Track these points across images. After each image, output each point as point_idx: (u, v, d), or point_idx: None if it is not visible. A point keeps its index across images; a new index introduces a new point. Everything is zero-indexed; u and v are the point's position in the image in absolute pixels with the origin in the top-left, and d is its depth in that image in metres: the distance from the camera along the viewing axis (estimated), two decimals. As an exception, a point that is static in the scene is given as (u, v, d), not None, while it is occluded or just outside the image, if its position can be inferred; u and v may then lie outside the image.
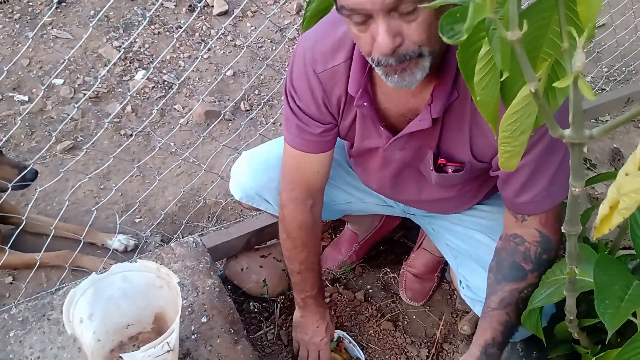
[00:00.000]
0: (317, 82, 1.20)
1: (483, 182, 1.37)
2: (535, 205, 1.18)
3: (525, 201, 1.17)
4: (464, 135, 1.17)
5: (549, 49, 0.84)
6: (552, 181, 1.15)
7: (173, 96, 2.55)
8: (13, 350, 1.41)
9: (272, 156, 1.48)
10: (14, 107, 2.40)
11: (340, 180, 1.54)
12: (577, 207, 0.84)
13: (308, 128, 1.26)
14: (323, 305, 1.58)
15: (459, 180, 1.27)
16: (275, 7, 3.14)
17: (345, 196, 1.58)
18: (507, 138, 0.83)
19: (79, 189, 2.09)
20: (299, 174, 1.36)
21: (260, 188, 1.50)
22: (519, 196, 1.18)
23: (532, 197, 1.16)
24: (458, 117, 1.14)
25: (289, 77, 1.25)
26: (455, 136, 1.18)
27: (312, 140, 1.29)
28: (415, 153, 1.25)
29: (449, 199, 1.37)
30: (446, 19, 0.57)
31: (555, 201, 1.18)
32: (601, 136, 0.66)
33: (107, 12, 2.90)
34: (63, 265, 1.78)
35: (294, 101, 1.25)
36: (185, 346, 1.46)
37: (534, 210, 1.19)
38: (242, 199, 1.56)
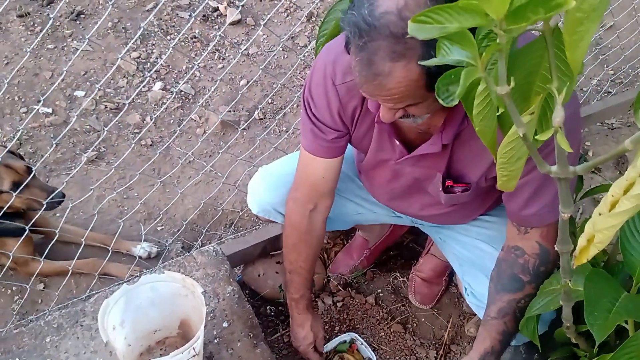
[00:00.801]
0: (335, 94, 1.28)
1: (487, 195, 1.45)
2: (539, 218, 1.24)
3: (530, 214, 1.24)
4: (477, 157, 1.24)
5: (542, 83, 0.92)
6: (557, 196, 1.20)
7: (190, 106, 2.65)
8: (50, 354, 1.52)
9: (287, 172, 1.56)
10: (39, 119, 2.51)
11: (351, 192, 1.63)
12: (567, 229, 0.92)
13: (321, 134, 1.35)
14: (304, 312, 1.63)
15: (467, 198, 1.35)
16: (286, 15, 3.23)
17: (356, 207, 1.66)
18: (505, 164, 0.92)
19: (103, 198, 2.20)
20: (305, 176, 1.44)
21: (276, 203, 1.59)
22: (524, 209, 1.24)
23: (536, 211, 1.23)
24: (467, 142, 1.22)
25: (307, 85, 1.33)
26: (465, 160, 1.26)
27: (324, 145, 1.37)
28: (425, 173, 1.33)
29: (453, 212, 1.46)
30: (442, 81, 0.65)
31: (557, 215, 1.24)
32: (585, 173, 0.74)
33: (124, 24, 3.01)
34: (92, 272, 1.89)
35: (310, 109, 1.33)
36: (208, 350, 1.56)
37: (537, 223, 1.26)
38: (259, 213, 1.65)
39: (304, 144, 1.40)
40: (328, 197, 1.48)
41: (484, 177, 1.28)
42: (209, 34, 3.03)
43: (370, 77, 0.98)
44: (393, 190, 1.48)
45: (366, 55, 0.96)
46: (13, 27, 2.95)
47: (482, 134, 0.96)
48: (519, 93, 0.87)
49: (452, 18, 0.56)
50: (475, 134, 1.18)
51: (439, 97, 0.66)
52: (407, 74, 0.96)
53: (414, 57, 0.94)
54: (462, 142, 1.22)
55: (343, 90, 1.27)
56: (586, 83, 2.82)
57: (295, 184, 1.48)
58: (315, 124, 1.34)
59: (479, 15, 0.56)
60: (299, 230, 1.50)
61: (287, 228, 1.53)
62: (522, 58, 0.88)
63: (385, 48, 0.94)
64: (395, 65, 0.95)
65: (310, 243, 1.53)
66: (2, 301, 1.92)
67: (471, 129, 1.18)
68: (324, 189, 1.45)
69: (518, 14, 0.55)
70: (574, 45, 0.73)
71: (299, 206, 1.48)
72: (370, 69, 0.97)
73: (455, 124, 1.17)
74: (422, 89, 0.99)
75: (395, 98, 1.01)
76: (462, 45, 0.61)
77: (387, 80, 0.97)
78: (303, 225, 1.49)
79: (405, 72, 0.95)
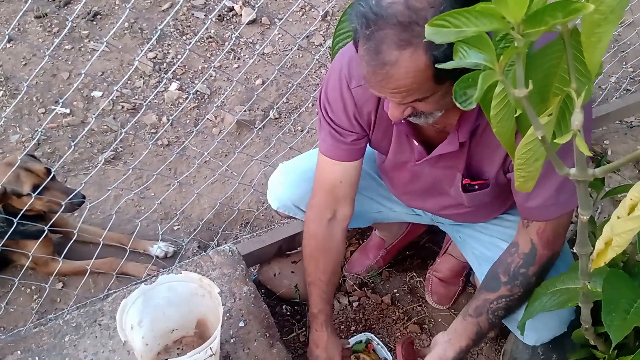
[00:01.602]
0: (350, 97, 1.29)
1: (507, 194, 1.43)
2: (541, 211, 1.24)
3: (534, 206, 1.23)
4: (492, 152, 1.24)
5: (560, 84, 0.91)
6: (560, 188, 1.20)
7: (205, 106, 2.66)
8: (69, 353, 1.54)
9: (307, 168, 1.56)
10: (57, 120, 2.54)
11: (372, 191, 1.63)
12: (586, 231, 0.91)
13: (340, 137, 1.35)
14: (321, 330, 1.54)
15: (488, 197, 1.35)
16: (301, 14, 3.23)
17: (376, 206, 1.67)
18: (522, 165, 0.91)
19: (120, 197, 2.22)
20: (322, 181, 1.44)
21: (296, 199, 1.60)
22: (528, 200, 1.24)
23: (540, 203, 1.22)
24: (484, 138, 1.21)
25: (324, 89, 1.34)
26: (483, 156, 1.26)
27: (343, 148, 1.37)
28: (444, 173, 1.34)
29: (475, 211, 1.45)
30: (459, 85, 0.65)
31: (563, 210, 1.23)
32: (603, 175, 0.74)
33: (141, 24, 3.03)
34: (110, 272, 1.91)
35: (327, 112, 1.34)
36: (225, 349, 1.57)
37: (539, 217, 1.25)
38: (279, 209, 1.66)
39: (323, 149, 1.40)
40: (347, 204, 1.46)
41: (501, 171, 1.27)
42: (225, 33, 3.04)
43: (377, 67, 0.99)
44: (414, 191, 1.48)
45: (373, 44, 0.97)
46: (31, 28, 2.99)
47: (500, 135, 0.95)
48: (536, 95, 0.86)
49: (469, 22, 0.56)
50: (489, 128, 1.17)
51: (456, 101, 0.65)
52: (414, 62, 0.96)
53: (421, 46, 0.94)
54: (478, 138, 1.22)
55: (359, 93, 1.27)
56: (605, 81, 2.78)
57: (313, 191, 1.48)
58: (334, 128, 1.35)
59: (497, 19, 0.56)
60: (315, 238, 1.49)
61: (305, 237, 1.52)
62: (539, 60, 0.87)
63: (393, 36, 0.95)
64: (402, 53, 0.95)
65: (329, 253, 1.50)
66: (21, 300, 1.95)
67: (485, 123, 1.19)
68: (342, 193, 1.44)
69: (536, 18, 0.55)
70: (592, 47, 0.72)
71: (317, 214, 1.47)
72: (377, 58, 0.98)
73: (471, 120, 1.17)
74: (429, 81, 0.99)
75: (402, 91, 1.01)
76: (480, 49, 0.61)
77: (394, 70, 0.98)
78: (320, 233, 1.48)
79: (412, 61, 0.96)
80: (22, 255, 1.89)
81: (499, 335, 1.80)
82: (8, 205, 1.82)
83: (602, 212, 2.16)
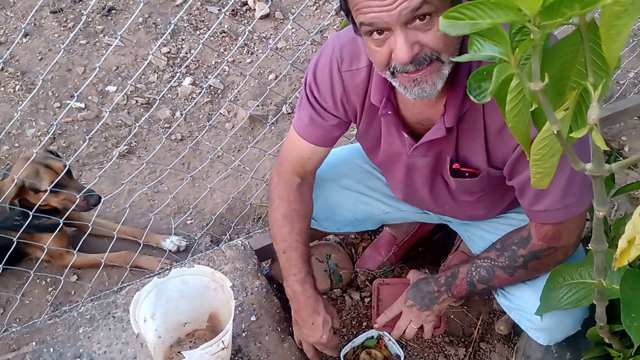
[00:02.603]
0: (339, 80, 1.27)
1: (505, 191, 1.41)
2: (549, 215, 1.22)
3: (541, 210, 1.22)
4: (479, 144, 1.23)
5: (577, 78, 0.90)
6: (565, 192, 1.18)
7: (219, 101, 2.67)
8: (83, 345, 1.55)
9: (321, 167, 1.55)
10: (72, 114, 2.56)
11: (378, 192, 1.61)
12: (602, 228, 0.90)
13: (320, 119, 1.34)
14: (313, 295, 1.44)
15: (476, 186, 1.33)
16: (315, 9, 3.22)
17: (383, 207, 1.65)
18: (538, 161, 0.90)
19: (134, 192, 2.23)
20: (291, 153, 1.43)
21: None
22: (534, 204, 1.23)
23: (547, 206, 1.21)
24: (471, 126, 1.20)
25: (312, 68, 1.32)
26: (470, 143, 1.24)
27: (318, 132, 1.36)
28: (437, 160, 1.32)
29: (473, 205, 1.43)
30: (474, 77, 0.64)
31: (570, 213, 1.21)
32: (620, 170, 0.72)
33: (155, 19, 3.04)
34: (123, 265, 1.93)
35: (312, 92, 1.33)
36: (237, 343, 1.57)
37: (549, 220, 1.23)
38: None
39: (297, 127, 1.38)
40: (313, 176, 1.49)
41: (488, 164, 1.26)
42: (238, 28, 3.04)
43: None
44: (413, 188, 1.46)
45: None
46: (47, 23, 3.02)
47: (515, 130, 0.94)
48: (553, 88, 0.85)
49: (484, 14, 0.55)
50: (476, 119, 1.18)
51: (470, 94, 0.64)
52: None
53: None
54: (466, 126, 1.21)
55: (348, 78, 1.26)
56: (623, 76, 2.74)
57: (280, 159, 1.47)
58: (316, 109, 1.33)
59: (512, 11, 0.55)
60: (287, 200, 1.45)
61: (275, 200, 1.46)
62: (556, 53, 0.85)
63: None
64: None
65: (302, 214, 1.46)
66: (37, 292, 1.97)
67: (473, 112, 1.17)
68: (309, 167, 1.45)
69: (553, 9, 0.54)
70: (611, 40, 0.71)
71: (286, 179, 1.45)
72: None
73: (456, 105, 1.15)
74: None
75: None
76: (495, 42, 0.60)
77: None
78: (292, 195, 1.44)
79: None
80: (37, 248, 1.91)
81: (512, 333, 1.78)
82: (24, 200, 1.84)
83: (619, 210, 2.13)
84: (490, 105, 1.13)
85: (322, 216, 1.62)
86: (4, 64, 2.75)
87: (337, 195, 1.60)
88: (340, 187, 1.60)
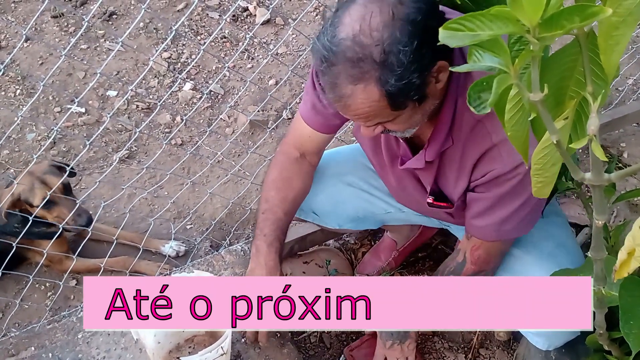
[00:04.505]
0: None
1: None
2: (481, 232, 1.34)
3: (476, 225, 1.34)
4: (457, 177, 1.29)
5: (576, 87, 0.90)
6: (505, 220, 1.28)
7: (219, 106, 2.67)
8: (81, 350, 1.55)
9: (317, 170, 1.58)
10: (72, 119, 2.57)
11: (381, 191, 1.63)
12: (601, 236, 0.90)
13: (321, 106, 1.37)
14: (274, 260, 1.44)
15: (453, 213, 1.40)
16: (315, 15, 3.23)
17: (385, 206, 1.66)
18: (539, 170, 0.90)
19: (134, 196, 2.24)
20: (295, 130, 1.48)
21: (307, 200, 1.60)
22: (473, 219, 1.33)
23: (482, 225, 1.32)
24: (452, 160, 1.26)
25: None
26: (449, 176, 1.30)
27: (320, 119, 1.41)
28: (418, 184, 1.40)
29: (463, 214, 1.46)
30: (474, 88, 0.65)
31: (500, 237, 1.33)
32: (619, 180, 0.73)
33: (156, 24, 3.05)
34: (123, 270, 1.93)
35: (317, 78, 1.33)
36: (235, 349, 1.57)
37: (478, 235, 1.36)
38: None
39: (301, 110, 1.43)
40: (315, 155, 1.52)
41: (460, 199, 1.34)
42: (239, 34, 3.05)
43: (336, 99, 1.06)
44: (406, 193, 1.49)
45: (329, 79, 1.03)
46: (48, 28, 3.02)
47: (514, 140, 0.94)
48: (552, 98, 0.85)
49: (484, 25, 0.55)
50: (459, 156, 1.25)
51: (470, 105, 0.65)
52: (367, 95, 1.02)
53: (372, 80, 1.00)
54: (448, 159, 1.27)
55: None
56: (622, 82, 2.75)
57: (286, 133, 1.53)
58: (319, 96, 1.35)
59: (512, 22, 0.55)
60: (280, 167, 1.49)
61: (270, 166, 1.52)
62: (555, 63, 0.86)
63: (344, 72, 1.01)
64: (356, 87, 1.01)
65: (291, 183, 1.48)
66: (36, 297, 1.97)
67: (457, 150, 1.23)
68: (310, 148, 1.49)
69: (552, 21, 0.54)
70: (610, 50, 0.71)
71: (285, 149, 1.50)
72: (334, 92, 1.04)
73: (439, 142, 1.21)
74: (387, 109, 1.05)
75: (363, 117, 1.08)
76: (495, 52, 0.60)
77: (351, 101, 1.04)
78: (286, 164, 1.49)
79: (365, 94, 1.02)
80: (36, 253, 1.92)
81: (511, 339, 1.79)
82: (24, 210, 1.85)
83: (618, 216, 2.14)
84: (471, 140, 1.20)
85: (324, 211, 1.65)
86: (5, 69, 2.76)
87: (340, 191, 1.62)
88: (343, 183, 1.62)
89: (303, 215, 1.66)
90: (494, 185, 1.22)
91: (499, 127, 1.10)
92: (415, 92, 1.03)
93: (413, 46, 0.97)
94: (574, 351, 1.50)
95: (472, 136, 1.18)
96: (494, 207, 1.26)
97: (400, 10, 0.98)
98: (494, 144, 1.16)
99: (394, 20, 0.98)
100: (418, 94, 1.04)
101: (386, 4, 0.99)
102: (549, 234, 1.47)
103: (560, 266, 1.35)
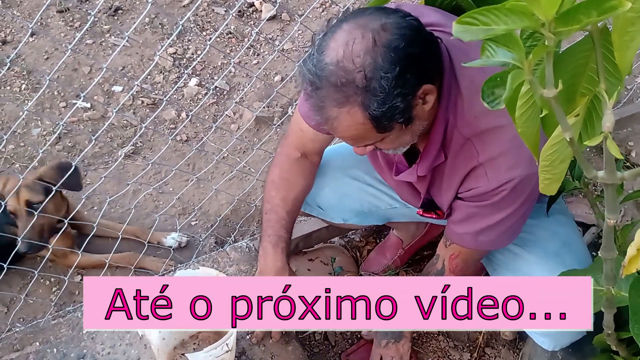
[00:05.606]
0: None
1: None
2: (459, 238, 1.38)
3: (456, 232, 1.38)
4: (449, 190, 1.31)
5: (588, 84, 0.89)
6: (484, 231, 1.31)
7: (224, 102, 2.66)
8: (86, 346, 1.55)
9: (322, 164, 1.58)
10: (78, 114, 2.56)
11: (387, 186, 1.62)
12: (612, 236, 0.89)
13: None
14: (282, 261, 1.46)
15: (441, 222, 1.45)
16: (322, 10, 3.22)
17: (390, 201, 1.66)
18: (548, 167, 0.89)
19: (139, 192, 2.23)
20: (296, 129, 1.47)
21: (313, 194, 1.60)
22: (453, 225, 1.38)
23: (461, 232, 1.36)
24: (444, 174, 1.29)
25: None
26: (441, 188, 1.33)
27: None
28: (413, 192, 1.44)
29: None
30: (487, 84, 0.64)
31: (476, 247, 1.37)
32: (633, 179, 0.72)
33: (161, 20, 3.04)
34: (128, 266, 1.92)
35: None
36: (240, 346, 1.57)
37: (456, 241, 1.40)
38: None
39: (300, 109, 1.42)
40: (317, 155, 1.53)
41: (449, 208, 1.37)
42: (245, 29, 3.04)
43: (322, 122, 1.10)
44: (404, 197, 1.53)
45: (315, 101, 1.07)
46: (53, 23, 3.02)
47: (525, 136, 0.93)
48: (563, 95, 0.84)
49: (499, 20, 0.54)
50: (451, 172, 1.27)
51: (484, 101, 0.64)
52: (352, 118, 1.06)
53: (355, 104, 1.04)
54: (439, 173, 1.29)
55: None
56: (630, 81, 2.73)
57: (287, 132, 1.53)
58: None
59: (527, 16, 0.54)
60: (280, 167, 1.50)
61: (271, 166, 1.53)
62: (567, 59, 0.85)
63: (329, 96, 1.04)
64: (341, 110, 1.05)
65: (291, 183, 1.49)
66: (41, 292, 1.97)
67: (449, 166, 1.26)
68: (310, 148, 1.49)
69: (569, 16, 0.53)
70: (624, 46, 0.70)
71: (285, 150, 1.51)
72: (321, 114, 1.08)
73: (430, 158, 1.24)
74: (372, 131, 1.09)
75: (350, 138, 1.13)
76: (509, 47, 0.59)
77: (337, 123, 1.08)
78: (286, 164, 1.50)
79: (350, 116, 1.05)
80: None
81: (517, 338, 1.77)
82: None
83: (626, 215, 2.12)
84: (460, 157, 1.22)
85: (329, 205, 1.65)
86: (11, 63, 2.75)
87: (345, 185, 1.62)
88: (349, 177, 1.62)
89: (308, 209, 1.66)
90: (478, 199, 1.26)
91: (487, 146, 1.17)
92: (400, 115, 1.06)
93: (395, 72, 1.00)
94: (580, 351, 1.49)
95: (461, 153, 1.22)
96: (475, 216, 1.30)
97: (382, 37, 1.01)
98: (480, 163, 1.20)
99: (376, 47, 1.01)
100: (403, 117, 1.07)
101: (369, 30, 1.02)
102: (555, 233, 1.47)
103: (566, 265, 1.35)
